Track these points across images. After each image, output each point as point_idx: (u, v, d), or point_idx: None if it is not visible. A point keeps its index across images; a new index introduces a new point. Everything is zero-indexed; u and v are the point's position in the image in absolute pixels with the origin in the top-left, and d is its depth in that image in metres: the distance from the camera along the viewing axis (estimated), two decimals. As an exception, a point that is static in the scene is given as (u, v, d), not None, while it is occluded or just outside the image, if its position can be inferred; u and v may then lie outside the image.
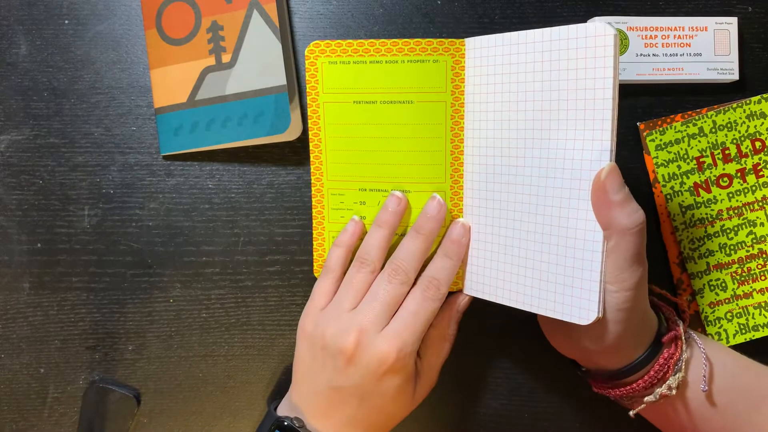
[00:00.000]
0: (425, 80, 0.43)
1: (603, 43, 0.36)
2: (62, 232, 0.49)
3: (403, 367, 0.40)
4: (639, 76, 0.48)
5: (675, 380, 0.39)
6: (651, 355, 0.40)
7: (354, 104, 0.43)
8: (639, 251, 0.37)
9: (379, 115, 0.43)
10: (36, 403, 0.50)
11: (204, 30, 0.47)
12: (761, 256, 0.49)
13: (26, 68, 0.49)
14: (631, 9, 0.49)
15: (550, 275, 0.39)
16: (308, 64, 0.44)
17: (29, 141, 0.49)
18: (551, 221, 0.39)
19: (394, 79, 0.43)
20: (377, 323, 0.40)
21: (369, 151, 0.44)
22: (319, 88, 0.44)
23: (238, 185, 0.49)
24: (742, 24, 0.49)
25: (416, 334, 0.40)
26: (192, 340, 0.50)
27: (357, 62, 0.43)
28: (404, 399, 0.41)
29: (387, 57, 0.43)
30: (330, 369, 0.40)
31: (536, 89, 0.39)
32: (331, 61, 0.43)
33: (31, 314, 0.49)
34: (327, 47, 0.43)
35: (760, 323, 0.49)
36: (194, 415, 0.51)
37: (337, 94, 0.44)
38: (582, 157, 0.38)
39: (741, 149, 0.49)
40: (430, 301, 0.41)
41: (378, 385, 0.40)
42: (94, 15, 0.49)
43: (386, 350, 0.39)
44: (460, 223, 0.43)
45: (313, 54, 0.43)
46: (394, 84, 0.43)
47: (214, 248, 0.49)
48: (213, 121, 0.47)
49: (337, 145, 0.44)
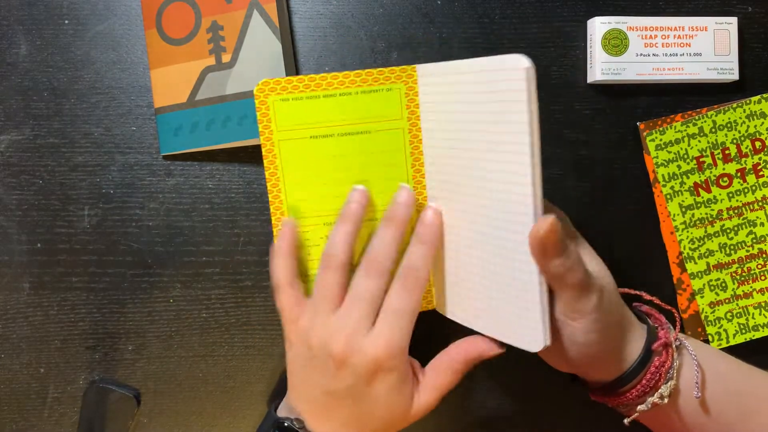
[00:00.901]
0: (380, 109, 0.42)
1: (517, 77, 0.35)
2: (62, 232, 0.49)
3: (395, 366, 0.39)
4: (639, 76, 0.48)
5: (667, 389, 0.39)
6: (641, 364, 0.40)
7: (311, 139, 0.42)
8: (583, 283, 0.36)
9: (338, 148, 0.43)
10: (36, 403, 0.50)
11: (204, 30, 0.47)
12: (761, 256, 0.49)
13: (26, 68, 0.49)
14: (631, 9, 0.49)
15: (500, 303, 0.39)
16: (258, 103, 0.42)
17: (29, 141, 0.49)
18: (493, 251, 0.39)
19: (350, 110, 0.42)
20: (363, 324, 0.39)
21: (330, 185, 0.43)
22: (273, 127, 0.42)
23: (238, 185, 0.49)
24: (742, 24, 0.49)
25: (403, 330, 0.39)
26: (192, 340, 0.50)
27: (310, 97, 0.42)
28: (400, 401, 0.40)
29: (340, 90, 0.42)
30: (322, 375, 0.40)
31: (468, 119, 0.39)
32: (282, 99, 0.42)
33: (31, 314, 0.49)
34: (277, 85, 0.42)
35: (760, 323, 0.49)
36: (194, 415, 0.51)
37: (293, 130, 0.42)
38: (509, 194, 0.37)
39: (741, 149, 0.49)
40: (410, 293, 0.39)
41: (371, 387, 0.39)
42: (94, 15, 0.49)
43: (375, 352, 0.38)
44: (432, 209, 0.42)
45: (262, 93, 0.42)
46: (350, 116, 0.42)
47: (214, 248, 0.49)
48: (213, 121, 0.47)
49: (296, 182, 0.43)
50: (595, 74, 0.48)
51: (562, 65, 0.49)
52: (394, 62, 0.49)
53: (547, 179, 0.50)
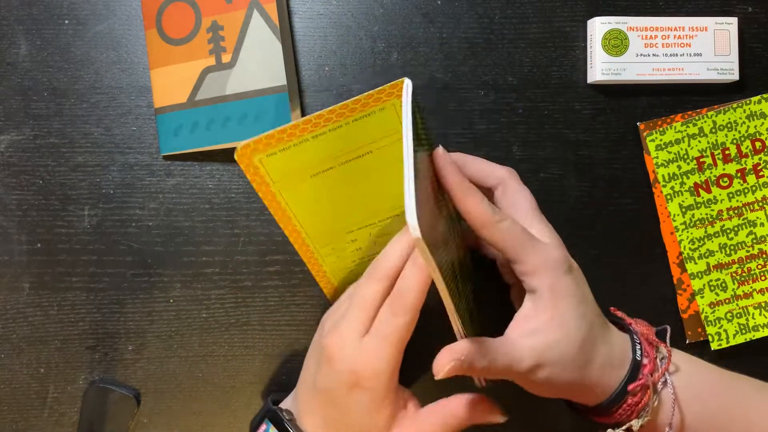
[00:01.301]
0: (377, 129, 0.40)
1: (402, 93, 0.34)
2: (62, 232, 0.49)
3: (372, 387, 0.38)
4: (639, 76, 0.48)
5: (638, 423, 0.39)
6: (614, 401, 0.39)
7: (311, 178, 0.41)
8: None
9: (342, 176, 0.41)
10: (36, 403, 0.50)
11: (204, 30, 0.47)
12: (761, 256, 0.49)
13: (26, 68, 0.49)
14: (631, 9, 0.49)
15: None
16: (244, 167, 0.39)
17: (29, 141, 0.49)
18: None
19: (346, 140, 0.40)
20: (354, 327, 0.38)
21: (343, 206, 0.42)
22: (268, 181, 0.40)
23: (238, 185, 0.49)
24: (742, 24, 0.49)
25: (386, 356, 0.38)
26: (192, 340, 0.50)
27: (298, 144, 0.39)
28: (372, 424, 0.39)
29: (329, 126, 0.39)
30: (317, 366, 0.40)
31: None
32: (269, 155, 0.39)
33: (31, 314, 0.49)
34: (258, 144, 0.39)
35: (760, 323, 0.49)
36: (194, 415, 0.51)
37: (290, 178, 0.41)
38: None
39: (741, 149, 0.49)
40: (397, 318, 0.38)
41: (349, 397, 0.38)
42: (94, 15, 0.49)
43: (356, 368, 0.38)
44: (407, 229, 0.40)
45: (245, 156, 0.39)
46: (347, 145, 0.40)
47: (214, 248, 0.49)
48: (213, 121, 0.47)
49: (309, 217, 0.42)
50: (595, 74, 0.48)
51: (562, 65, 0.49)
52: (394, 62, 0.49)
53: (547, 179, 0.50)
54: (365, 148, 0.41)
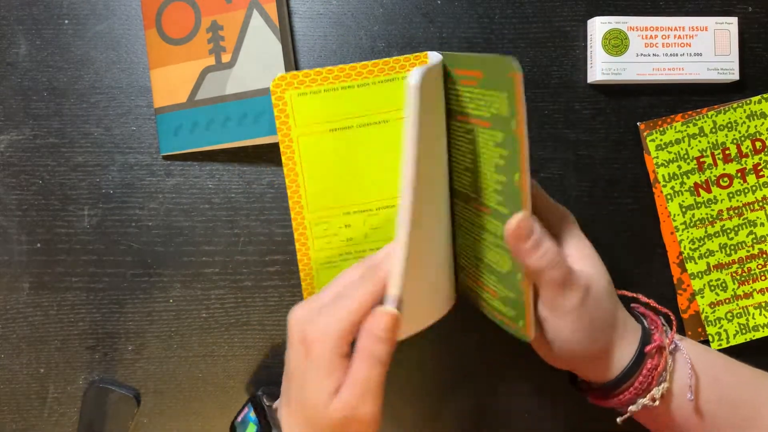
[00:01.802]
0: (398, 98, 0.42)
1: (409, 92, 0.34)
2: (62, 232, 0.49)
3: (319, 353, 0.35)
4: (639, 76, 0.48)
5: (658, 391, 0.39)
6: (634, 366, 0.40)
7: (330, 132, 0.42)
8: (563, 280, 0.37)
9: (357, 139, 0.43)
10: (36, 403, 0.50)
11: (204, 30, 0.47)
12: (761, 256, 0.49)
13: (26, 68, 0.49)
14: (631, 9, 0.49)
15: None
16: (275, 99, 0.41)
17: (29, 141, 0.49)
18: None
19: (368, 101, 0.42)
20: (319, 303, 0.36)
21: (350, 176, 0.43)
22: (291, 122, 0.42)
23: (238, 185, 0.49)
24: (742, 24, 0.49)
25: (339, 319, 0.35)
26: (192, 340, 0.50)
27: (328, 90, 0.41)
28: (316, 393, 0.35)
29: (358, 81, 0.41)
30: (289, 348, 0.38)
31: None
32: (300, 93, 0.41)
33: (31, 314, 0.49)
34: (294, 79, 0.41)
35: (760, 323, 0.49)
36: (194, 415, 0.51)
37: (311, 125, 0.42)
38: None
39: (741, 149, 0.49)
40: (358, 285, 0.36)
41: (304, 364, 0.36)
42: (94, 15, 0.49)
43: (305, 335, 0.35)
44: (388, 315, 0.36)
45: (279, 88, 0.41)
46: (368, 106, 0.42)
47: (214, 248, 0.49)
48: (213, 121, 0.47)
49: (315, 176, 0.43)
50: (596, 74, 0.48)
51: (562, 65, 0.49)
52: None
53: (547, 179, 0.50)
54: (384, 116, 0.42)
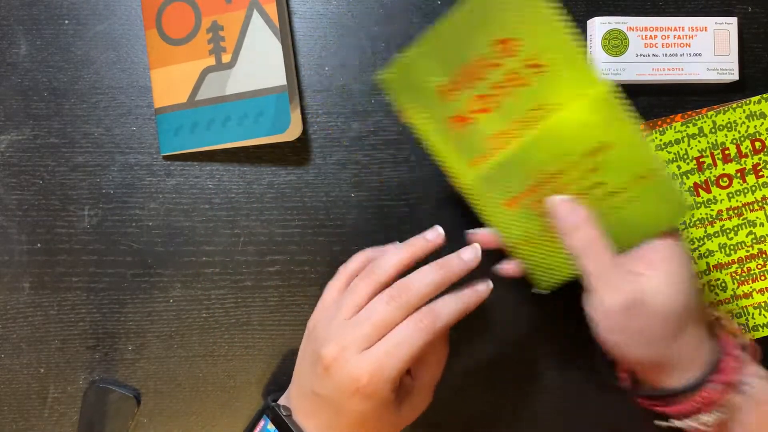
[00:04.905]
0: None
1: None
2: (62, 232, 0.49)
3: (374, 392, 0.38)
4: (639, 76, 0.48)
5: (711, 418, 0.38)
6: (696, 385, 0.38)
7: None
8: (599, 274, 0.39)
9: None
10: (36, 403, 0.50)
11: (204, 30, 0.47)
12: (761, 256, 0.49)
13: (26, 68, 0.49)
14: (631, 9, 0.49)
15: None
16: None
17: (29, 141, 0.49)
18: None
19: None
20: (360, 343, 0.38)
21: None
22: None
23: (238, 185, 0.49)
24: (742, 24, 0.49)
25: (397, 365, 0.38)
26: (192, 340, 0.50)
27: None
28: (377, 424, 0.40)
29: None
30: (313, 373, 0.40)
31: None
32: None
33: (31, 314, 0.50)
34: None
35: (760, 323, 0.49)
36: (194, 415, 0.51)
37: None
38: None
39: (741, 149, 0.49)
40: (420, 333, 0.38)
41: (348, 404, 0.38)
42: (94, 15, 0.49)
43: (359, 373, 0.37)
44: (487, 284, 0.42)
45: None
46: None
47: (214, 248, 0.49)
48: (213, 121, 0.47)
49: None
50: (595, 74, 0.48)
51: (562, 65, 0.49)
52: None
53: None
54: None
